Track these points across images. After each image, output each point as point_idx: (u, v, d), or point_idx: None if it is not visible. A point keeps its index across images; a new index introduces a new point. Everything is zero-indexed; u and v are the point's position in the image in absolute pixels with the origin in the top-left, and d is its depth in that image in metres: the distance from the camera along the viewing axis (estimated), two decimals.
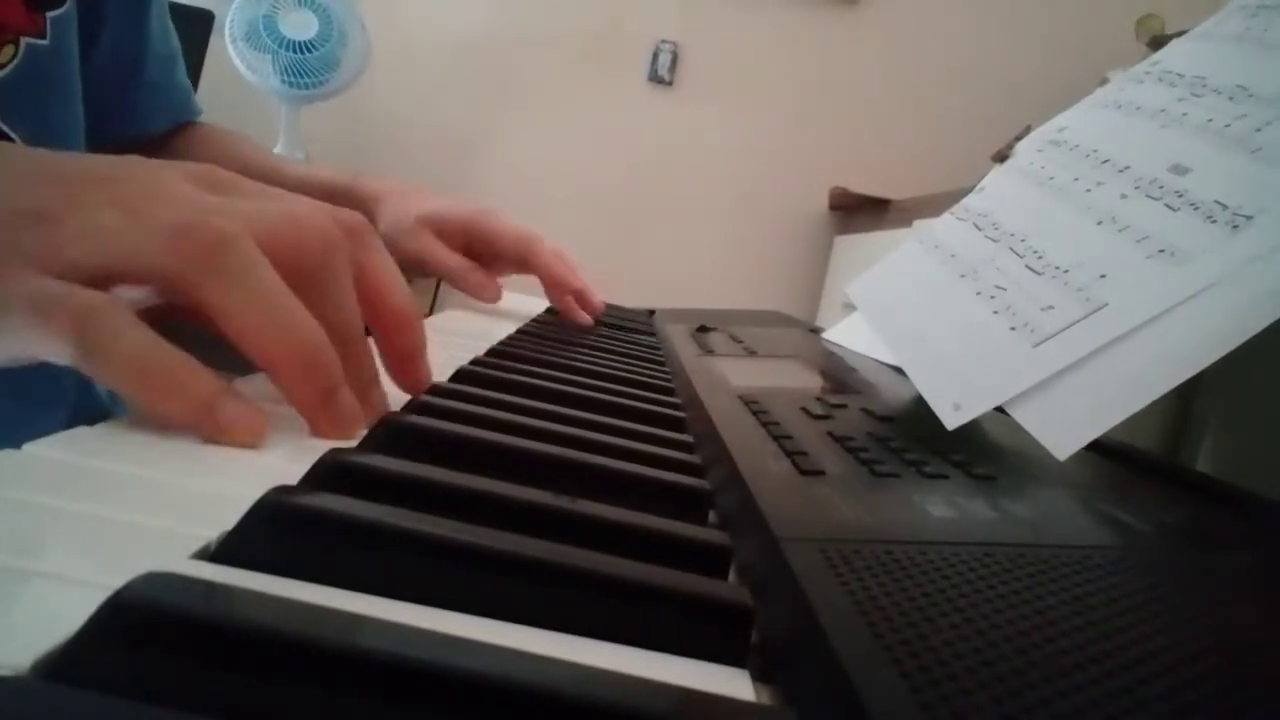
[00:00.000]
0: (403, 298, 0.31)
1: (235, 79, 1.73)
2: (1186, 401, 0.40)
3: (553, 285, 0.66)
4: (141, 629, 0.13)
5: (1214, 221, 0.31)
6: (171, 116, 0.71)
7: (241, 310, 0.24)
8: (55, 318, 0.22)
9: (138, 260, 0.23)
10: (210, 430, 0.23)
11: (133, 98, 0.66)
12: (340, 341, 0.26)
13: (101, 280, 0.23)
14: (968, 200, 0.48)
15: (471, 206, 0.67)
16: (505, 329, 0.58)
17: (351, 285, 0.28)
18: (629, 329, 0.69)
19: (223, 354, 0.25)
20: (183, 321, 0.26)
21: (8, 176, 0.24)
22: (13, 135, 0.51)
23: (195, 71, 1.69)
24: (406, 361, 0.32)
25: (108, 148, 0.60)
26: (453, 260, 0.65)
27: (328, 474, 0.21)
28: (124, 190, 0.24)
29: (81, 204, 0.23)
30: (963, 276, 0.41)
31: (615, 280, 1.97)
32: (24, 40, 0.51)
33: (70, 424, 0.22)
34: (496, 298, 0.67)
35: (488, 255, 0.66)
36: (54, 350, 0.22)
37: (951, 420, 0.32)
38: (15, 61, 0.50)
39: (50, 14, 0.52)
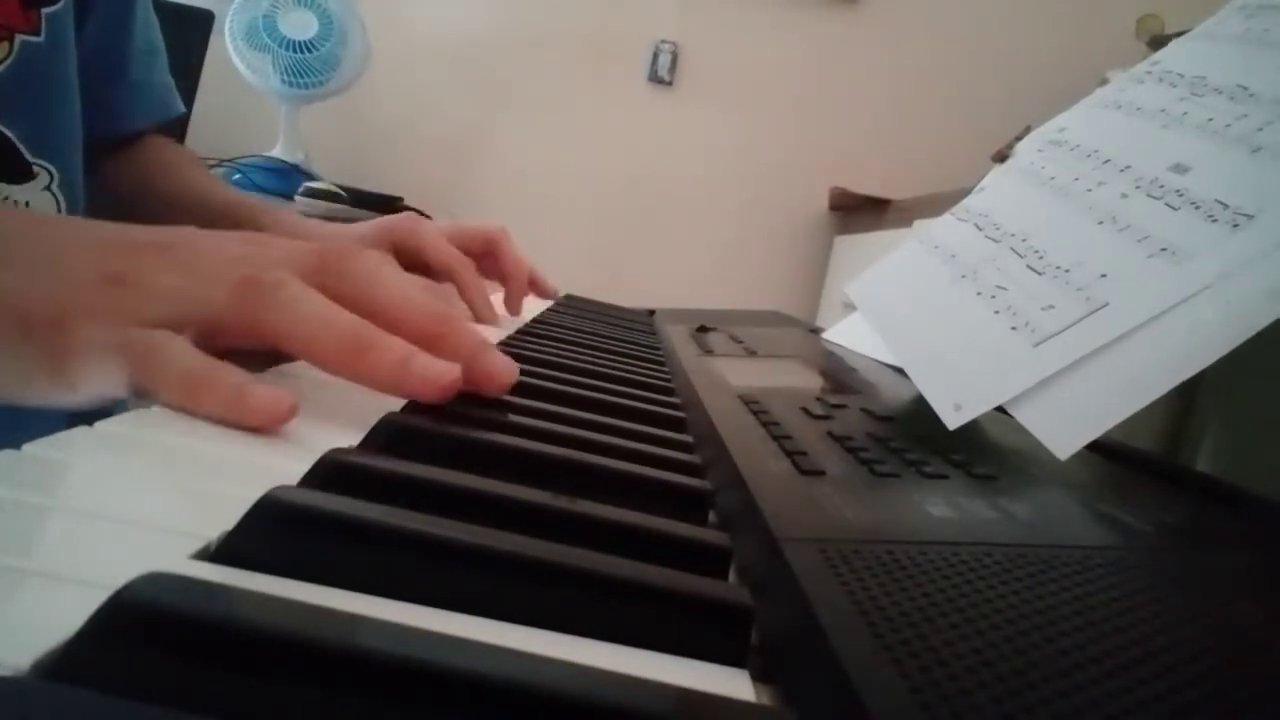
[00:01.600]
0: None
1: (235, 79, 1.72)
2: (1186, 401, 0.40)
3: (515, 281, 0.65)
4: (141, 629, 0.13)
5: (1215, 221, 0.31)
6: (155, 115, 0.69)
7: (292, 329, 0.27)
8: (124, 358, 0.25)
9: (204, 311, 0.27)
10: (243, 415, 0.25)
11: (115, 95, 0.65)
12: (398, 326, 0.28)
13: (172, 329, 0.26)
14: (968, 200, 0.47)
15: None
16: (503, 331, 0.58)
17: (393, 281, 0.30)
18: (629, 329, 0.69)
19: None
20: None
21: (86, 247, 0.28)
22: (11, 135, 0.50)
23: (195, 71, 1.68)
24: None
25: (89, 148, 0.59)
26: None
27: (328, 474, 0.21)
28: (184, 255, 0.28)
29: (152, 269, 0.27)
30: (963, 276, 0.41)
31: (615, 280, 1.98)
32: (19, 38, 0.50)
33: (70, 424, 0.22)
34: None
35: (420, 266, 0.62)
36: (123, 385, 0.25)
37: (952, 420, 0.32)
38: (10, 59, 0.50)
39: (45, 10, 0.52)
